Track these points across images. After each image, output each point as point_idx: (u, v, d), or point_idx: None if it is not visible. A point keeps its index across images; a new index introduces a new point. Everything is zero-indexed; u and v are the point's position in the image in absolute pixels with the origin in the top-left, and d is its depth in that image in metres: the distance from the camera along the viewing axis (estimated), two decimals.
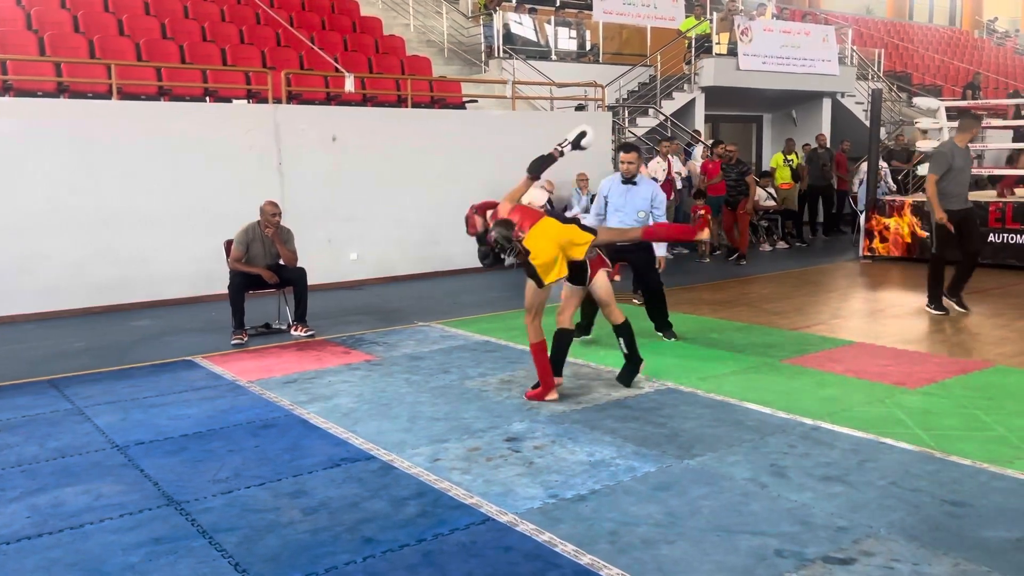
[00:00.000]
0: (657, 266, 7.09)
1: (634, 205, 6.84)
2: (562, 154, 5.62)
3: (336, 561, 3.26)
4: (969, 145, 8.16)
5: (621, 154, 6.96)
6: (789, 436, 4.58)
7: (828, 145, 15.44)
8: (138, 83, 9.82)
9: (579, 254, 5.22)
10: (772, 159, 15.03)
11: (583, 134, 5.62)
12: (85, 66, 9.61)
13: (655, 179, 12.23)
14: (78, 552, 3.38)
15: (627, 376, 5.61)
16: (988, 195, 12.87)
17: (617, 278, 6.69)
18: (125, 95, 9.52)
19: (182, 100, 10.06)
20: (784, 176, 14.48)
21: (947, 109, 12.96)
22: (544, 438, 4.63)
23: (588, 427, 4.79)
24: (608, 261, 5.64)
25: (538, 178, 5.65)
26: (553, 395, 5.30)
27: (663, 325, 7.13)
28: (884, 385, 5.53)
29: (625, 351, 5.59)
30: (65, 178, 8.56)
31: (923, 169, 13.52)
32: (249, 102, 10.57)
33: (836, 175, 15.36)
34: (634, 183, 6.84)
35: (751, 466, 4.16)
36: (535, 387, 5.35)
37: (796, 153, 14.95)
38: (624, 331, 5.57)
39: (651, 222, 6.75)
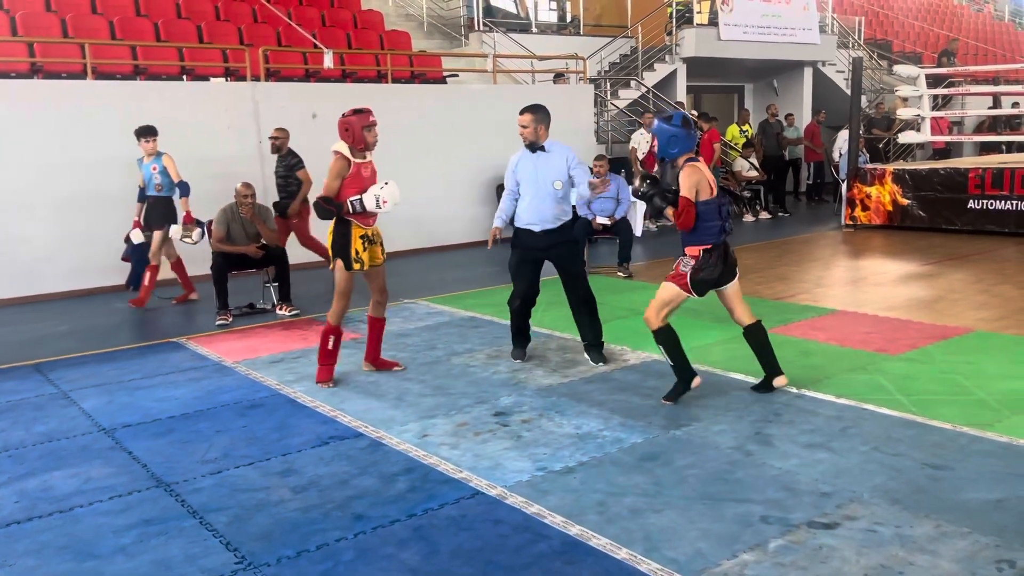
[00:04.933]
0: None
1: (547, 176, 5.44)
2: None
3: (327, 538, 3.28)
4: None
5: (518, 116, 5.53)
6: (773, 404, 4.63)
7: (779, 116, 15.45)
8: (113, 62, 9.67)
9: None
10: (728, 131, 15.00)
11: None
12: (58, 45, 9.45)
13: (637, 151, 12.25)
14: (69, 535, 3.38)
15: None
16: (967, 161, 12.96)
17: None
18: (100, 75, 9.38)
19: (158, 79, 9.92)
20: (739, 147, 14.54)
21: (926, 76, 13.00)
22: (531, 412, 4.66)
23: (575, 400, 4.83)
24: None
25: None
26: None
27: (596, 342, 5.66)
28: (866, 352, 5.59)
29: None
30: (41, 160, 8.46)
31: (904, 137, 13.66)
32: (227, 80, 10.44)
33: (809, 145, 15.39)
34: (543, 150, 5.48)
35: (736, 435, 4.21)
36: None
37: (749, 124, 15.04)
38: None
39: (575, 196, 5.66)
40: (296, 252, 8.19)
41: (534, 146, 5.46)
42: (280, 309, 7.45)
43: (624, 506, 3.46)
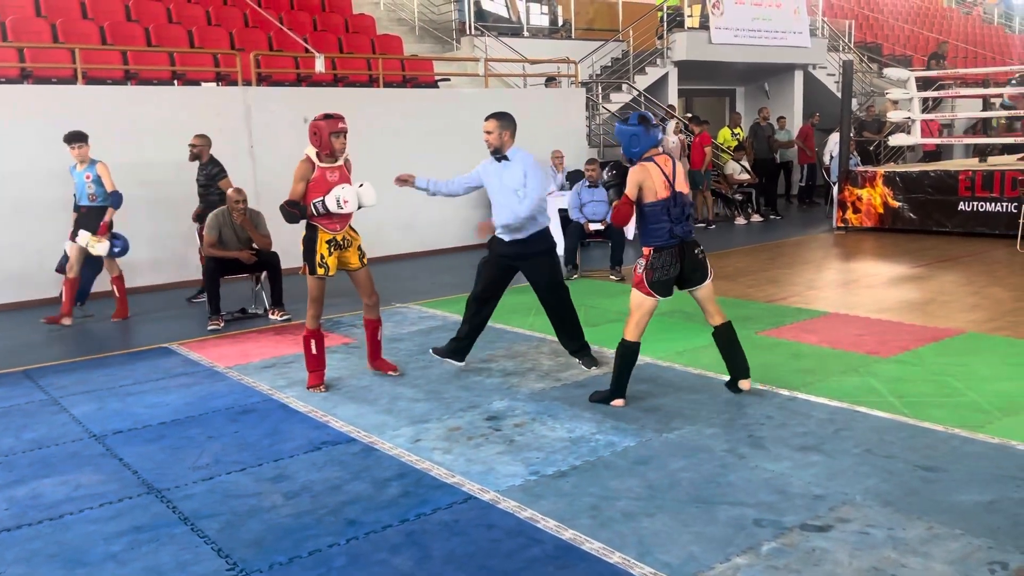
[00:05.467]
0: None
1: (510, 185, 5.36)
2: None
3: (319, 544, 3.27)
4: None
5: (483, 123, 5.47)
6: (766, 407, 4.64)
7: (771, 119, 15.52)
8: (103, 67, 9.64)
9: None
10: (720, 134, 15.05)
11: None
12: (48, 51, 9.42)
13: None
14: (59, 543, 3.36)
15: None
16: (957, 163, 13.01)
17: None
18: (90, 80, 9.34)
19: (149, 84, 9.89)
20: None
21: (916, 79, 13.05)
22: (524, 416, 4.65)
23: (567, 404, 4.82)
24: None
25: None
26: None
27: (579, 346, 5.60)
28: (858, 354, 5.61)
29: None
30: (31, 166, 8.41)
31: (895, 140, 13.72)
32: (218, 84, 10.42)
33: (802, 147, 15.47)
34: (507, 159, 5.41)
35: (729, 438, 4.21)
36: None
37: (740, 127, 15.12)
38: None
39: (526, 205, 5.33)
40: (289, 258, 8.14)
41: (498, 153, 5.41)
42: (272, 314, 7.43)
43: (617, 510, 3.46)
